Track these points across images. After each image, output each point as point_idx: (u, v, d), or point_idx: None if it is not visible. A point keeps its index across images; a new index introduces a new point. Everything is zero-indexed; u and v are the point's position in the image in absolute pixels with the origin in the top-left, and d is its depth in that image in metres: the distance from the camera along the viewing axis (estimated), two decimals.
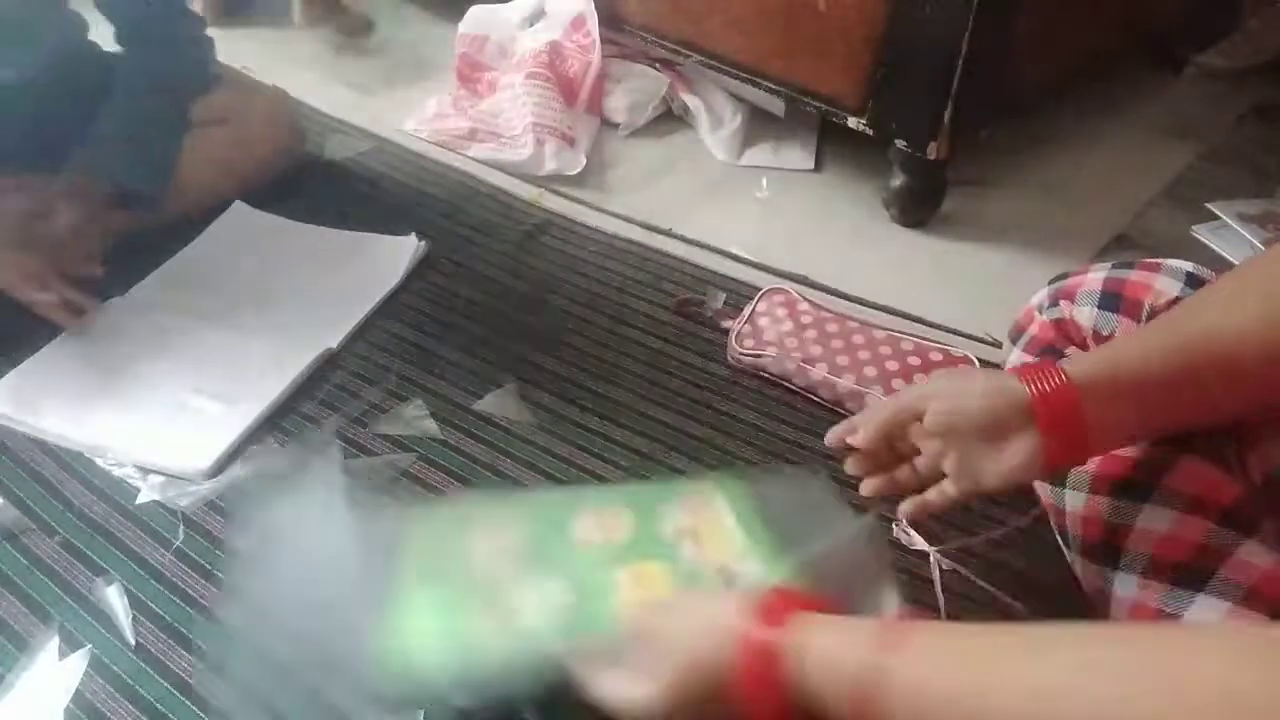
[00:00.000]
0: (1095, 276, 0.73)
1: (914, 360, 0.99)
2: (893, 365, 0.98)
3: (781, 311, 1.06)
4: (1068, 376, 0.61)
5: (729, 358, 1.05)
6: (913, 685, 0.47)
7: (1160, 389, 0.60)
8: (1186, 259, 0.71)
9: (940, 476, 0.66)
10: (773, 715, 0.52)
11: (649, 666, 0.56)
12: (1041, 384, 0.61)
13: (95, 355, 1.02)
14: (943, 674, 0.46)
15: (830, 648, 0.51)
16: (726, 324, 1.08)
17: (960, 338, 1.08)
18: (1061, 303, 0.75)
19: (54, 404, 0.96)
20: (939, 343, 1.03)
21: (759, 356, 1.02)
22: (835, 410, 0.99)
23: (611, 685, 0.58)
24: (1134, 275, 0.70)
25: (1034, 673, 0.43)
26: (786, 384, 1.01)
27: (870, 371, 0.98)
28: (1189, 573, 0.61)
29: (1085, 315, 0.73)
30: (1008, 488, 0.64)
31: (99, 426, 0.94)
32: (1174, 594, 0.61)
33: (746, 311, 1.07)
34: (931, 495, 0.67)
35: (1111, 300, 0.71)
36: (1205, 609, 0.60)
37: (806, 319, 1.05)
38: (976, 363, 0.99)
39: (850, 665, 0.49)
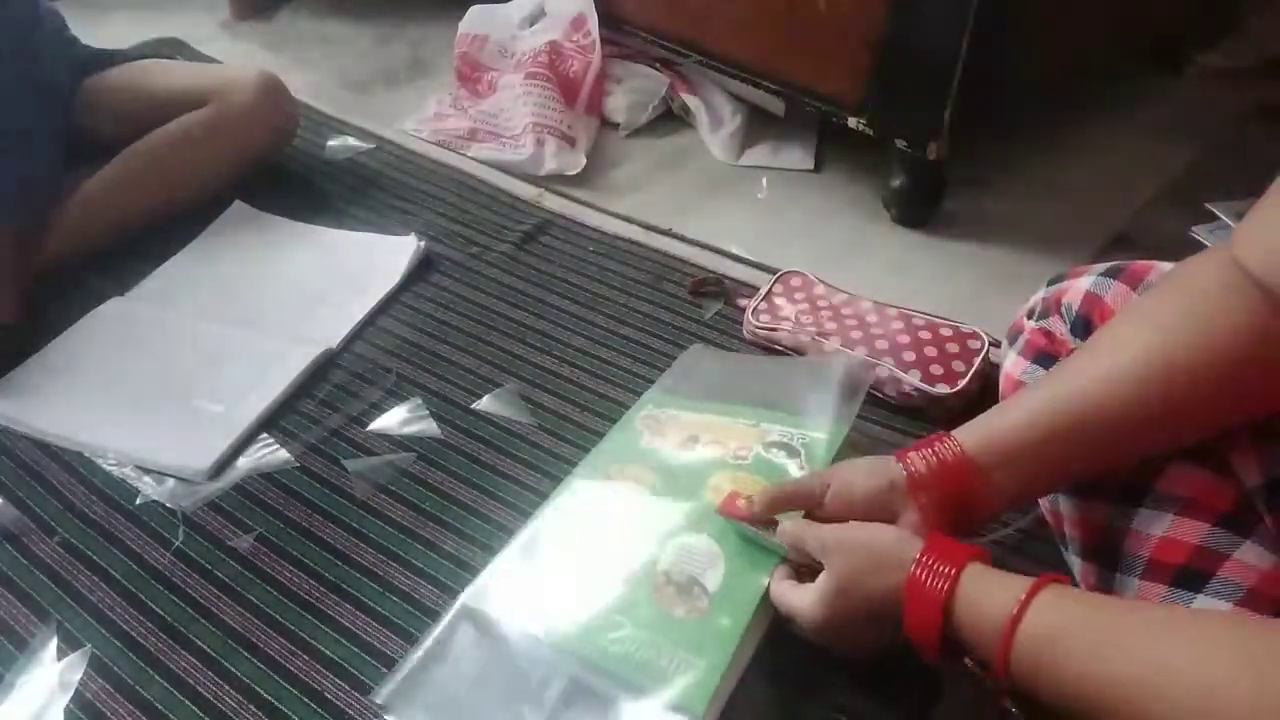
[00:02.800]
0: (1081, 284, 0.73)
1: (925, 334, 1.00)
2: (904, 339, 1.00)
3: (799, 293, 1.09)
4: (957, 451, 0.66)
5: (744, 333, 1.08)
6: (1042, 632, 0.54)
7: (1048, 453, 0.64)
8: (1185, 259, 0.71)
9: None
10: (933, 651, 0.60)
11: (824, 589, 0.64)
12: (920, 465, 0.67)
13: (95, 355, 1.02)
14: (1070, 630, 0.53)
15: (982, 597, 0.58)
16: (742, 302, 1.10)
17: None
18: (1051, 316, 0.75)
19: (55, 404, 0.96)
20: (949, 320, 1.03)
21: (774, 330, 1.04)
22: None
23: (791, 596, 0.67)
24: (1110, 293, 0.70)
25: (1160, 649, 0.49)
26: (800, 357, 1.03)
27: (882, 345, 0.99)
28: (1187, 574, 0.61)
29: (1062, 331, 0.75)
30: None
31: (100, 427, 0.94)
32: (1173, 595, 0.61)
33: (763, 290, 1.10)
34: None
35: (1082, 324, 0.72)
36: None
37: (821, 301, 1.07)
38: (986, 338, 0.99)
39: (996, 614, 0.56)
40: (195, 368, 1.01)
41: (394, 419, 0.97)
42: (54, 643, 0.77)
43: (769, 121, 1.46)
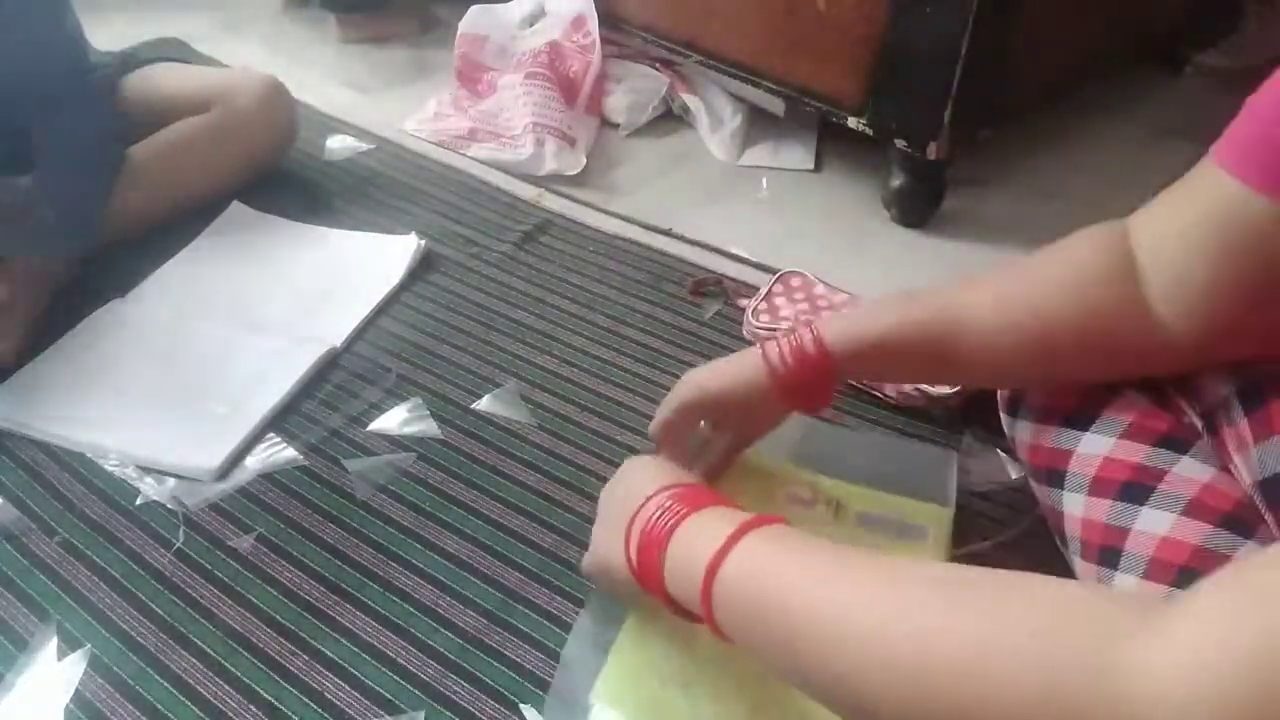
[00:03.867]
0: None
1: None
2: None
3: (799, 293, 1.09)
4: (816, 341, 0.72)
5: (744, 333, 1.08)
6: (738, 573, 0.53)
7: (900, 363, 0.74)
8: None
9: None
10: (659, 596, 0.60)
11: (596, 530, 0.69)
12: (778, 360, 0.73)
13: (97, 358, 1.02)
14: (762, 571, 0.51)
15: (693, 538, 0.57)
16: (742, 302, 1.11)
17: None
18: None
19: (58, 407, 0.96)
20: None
21: (774, 330, 1.04)
22: (847, 383, 0.99)
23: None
24: None
25: (830, 589, 0.48)
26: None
27: None
28: (1189, 575, 0.61)
29: None
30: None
31: (103, 429, 0.94)
32: (1175, 596, 0.61)
33: (763, 290, 1.10)
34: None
35: None
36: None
37: (822, 301, 1.08)
38: None
39: (703, 554, 0.54)
40: (199, 368, 1.01)
41: (394, 419, 0.97)
42: (54, 643, 0.76)
43: (769, 121, 1.46)
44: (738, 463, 0.85)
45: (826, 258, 1.20)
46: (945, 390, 0.95)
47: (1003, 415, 0.81)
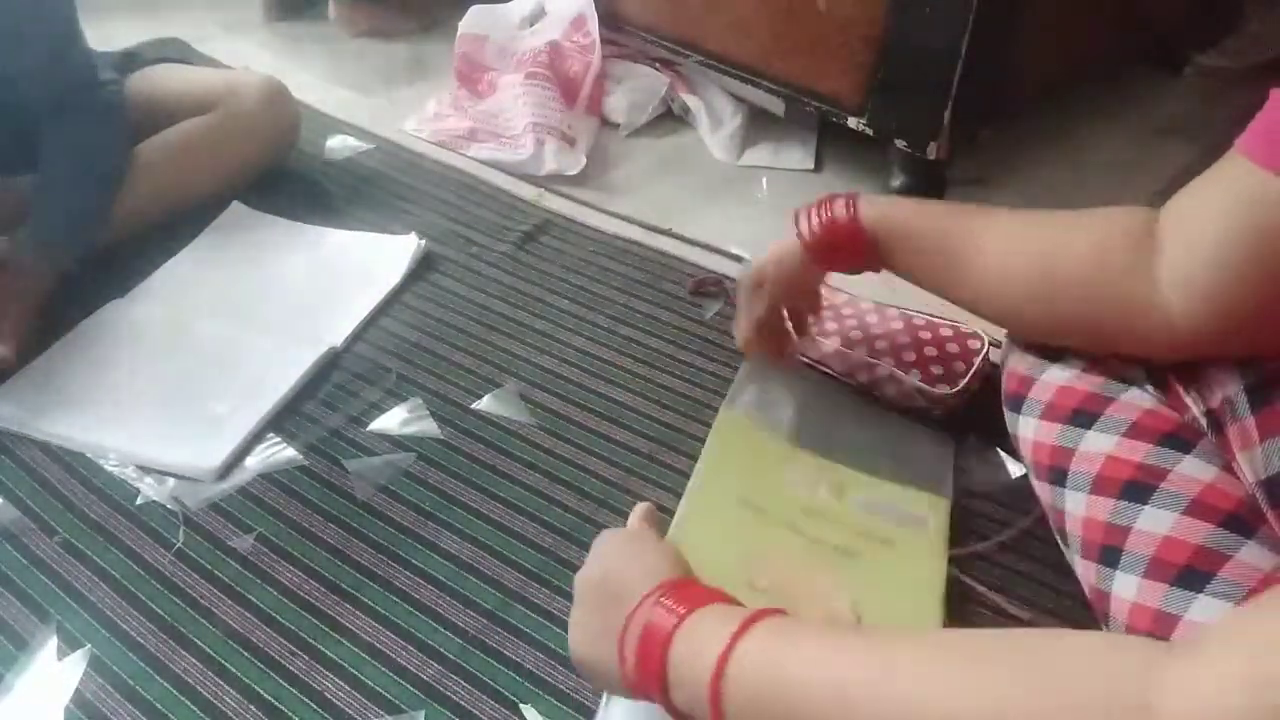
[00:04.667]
0: None
1: (925, 334, 1.00)
2: (904, 338, 1.00)
3: None
4: (849, 205, 0.81)
5: None
6: (742, 672, 0.49)
7: (919, 243, 0.79)
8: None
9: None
10: (659, 700, 0.53)
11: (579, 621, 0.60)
12: (811, 227, 0.84)
13: (97, 358, 1.02)
14: (771, 664, 0.48)
15: (696, 638, 0.51)
16: None
17: None
18: None
19: (59, 408, 0.96)
20: (949, 319, 1.03)
21: None
22: (846, 382, 0.99)
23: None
24: None
25: (843, 674, 0.46)
26: (799, 357, 1.03)
27: (882, 345, 0.99)
28: (1190, 574, 0.61)
29: None
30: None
31: (104, 429, 0.94)
32: (1174, 595, 0.61)
33: None
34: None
35: None
36: (1206, 610, 0.60)
37: (823, 301, 1.06)
38: (986, 338, 0.99)
39: (711, 652, 0.50)
40: (199, 368, 1.01)
41: (394, 419, 0.97)
42: (54, 643, 0.76)
43: (769, 121, 1.46)
44: (743, 446, 0.88)
45: None
46: (945, 390, 0.95)
47: (1006, 412, 0.81)
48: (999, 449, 0.91)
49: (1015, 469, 0.89)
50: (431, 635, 0.77)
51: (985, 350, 0.98)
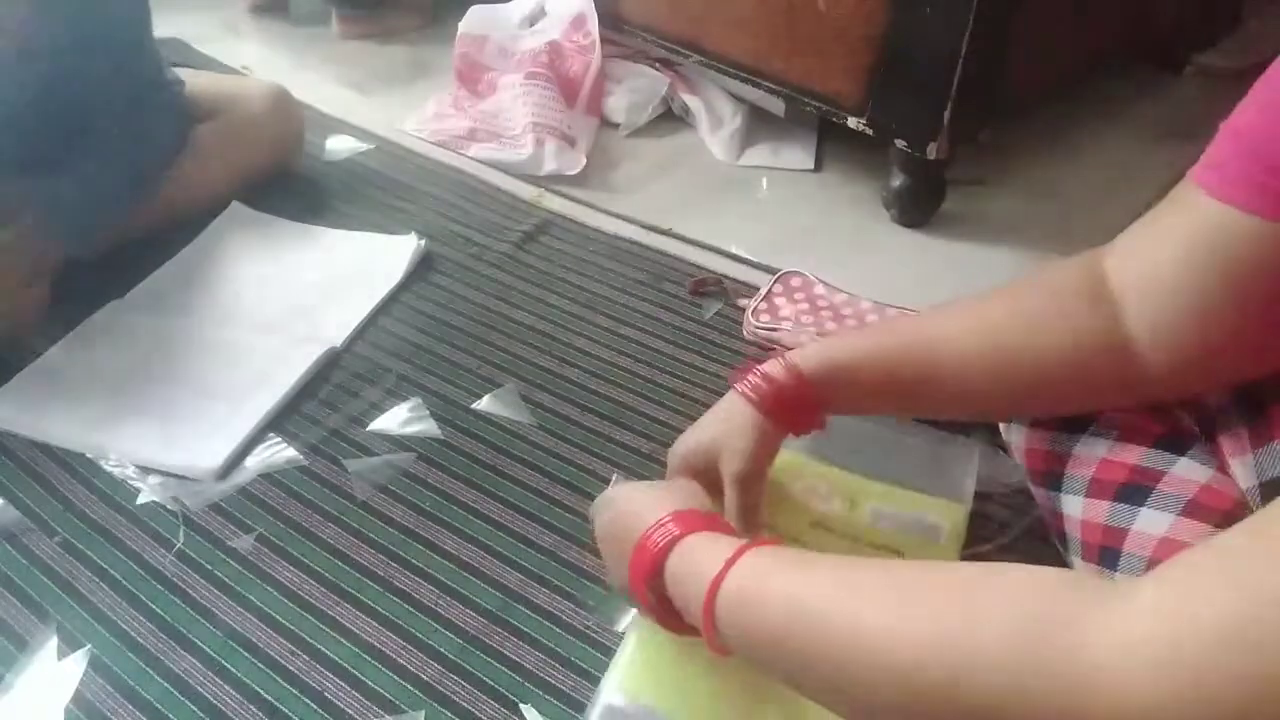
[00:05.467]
0: None
1: None
2: None
3: (799, 293, 1.10)
4: (795, 375, 0.71)
5: (744, 333, 1.08)
6: (739, 588, 0.55)
7: (870, 386, 0.71)
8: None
9: None
10: (654, 613, 0.63)
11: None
12: (756, 390, 0.71)
13: (97, 358, 1.02)
14: (768, 584, 0.54)
15: (698, 557, 0.59)
16: (742, 302, 1.11)
17: None
18: None
19: (58, 408, 0.96)
20: None
21: (774, 330, 1.04)
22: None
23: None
24: None
25: (804, 587, 0.51)
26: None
27: None
28: None
29: None
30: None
31: (104, 429, 0.94)
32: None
33: (763, 290, 1.10)
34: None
35: None
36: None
37: (822, 301, 1.08)
38: None
39: (705, 573, 0.56)
40: (198, 369, 1.01)
41: (394, 419, 0.97)
42: (54, 643, 0.76)
43: (769, 121, 1.46)
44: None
45: (826, 258, 1.20)
46: None
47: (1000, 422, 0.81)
48: (1002, 450, 0.91)
49: (1019, 471, 0.89)
50: (431, 635, 0.77)
51: None
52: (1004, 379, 0.66)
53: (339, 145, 1.42)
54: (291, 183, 1.33)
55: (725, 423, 0.73)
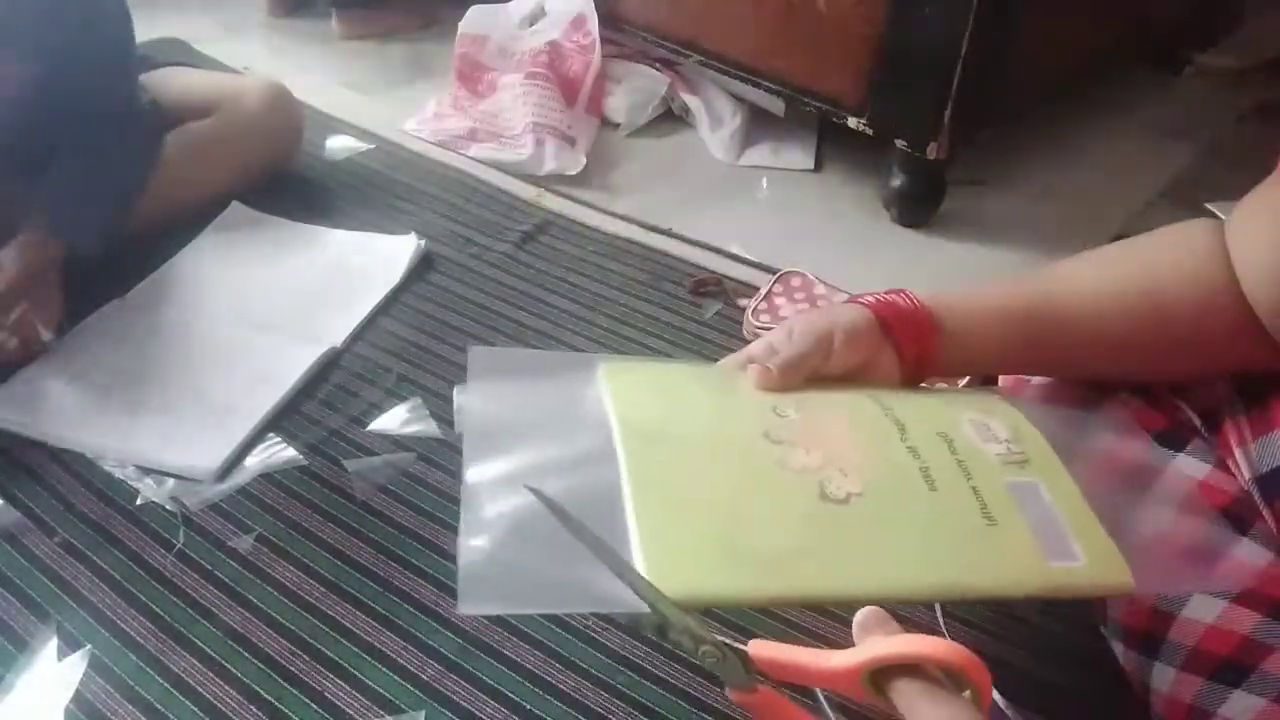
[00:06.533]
0: None
1: None
2: None
3: (799, 293, 1.10)
4: (918, 304, 0.67)
5: (745, 333, 1.08)
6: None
7: (1002, 330, 0.67)
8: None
9: None
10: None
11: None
12: (892, 305, 0.66)
13: (97, 358, 1.02)
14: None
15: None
16: (742, 302, 1.11)
17: None
18: None
19: (59, 407, 0.96)
20: None
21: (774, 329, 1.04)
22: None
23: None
24: None
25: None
26: None
27: None
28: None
29: None
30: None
31: (105, 429, 0.94)
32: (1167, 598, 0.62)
33: (763, 290, 1.11)
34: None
35: None
36: (1200, 604, 0.61)
37: (822, 301, 1.09)
38: None
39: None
40: (198, 369, 1.01)
41: (394, 419, 0.97)
42: (54, 643, 0.76)
43: (769, 121, 1.46)
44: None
45: (826, 258, 1.20)
46: (945, 389, 0.95)
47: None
48: None
49: None
50: (431, 635, 0.77)
51: None
52: (1136, 327, 0.64)
53: (339, 145, 1.42)
54: (291, 183, 1.33)
55: (837, 316, 0.64)
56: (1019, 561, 0.51)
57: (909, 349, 0.64)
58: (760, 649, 0.44)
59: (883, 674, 0.42)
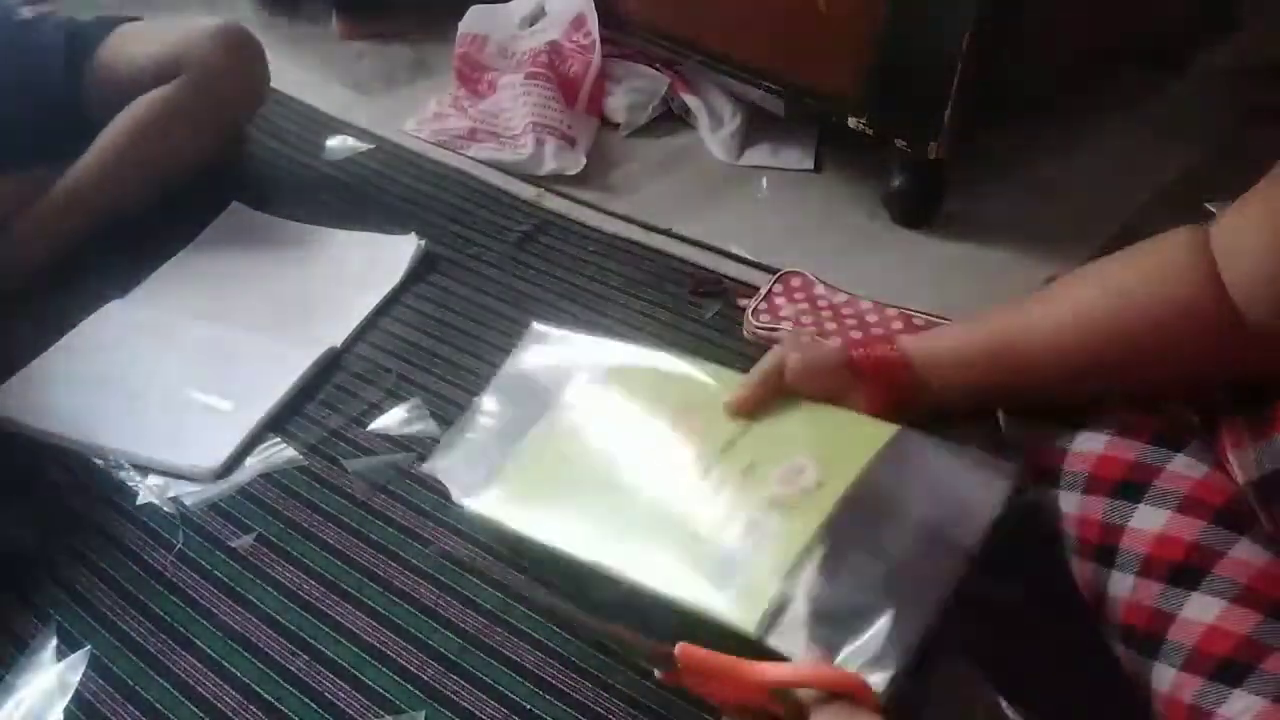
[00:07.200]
0: None
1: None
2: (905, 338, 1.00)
3: (799, 293, 1.10)
4: (897, 352, 0.70)
5: (745, 333, 1.08)
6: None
7: (971, 369, 0.69)
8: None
9: None
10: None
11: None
12: (866, 349, 0.70)
13: (98, 357, 1.02)
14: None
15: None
16: (742, 302, 1.11)
17: None
18: None
19: (58, 408, 0.96)
20: (948, 319, 1.03)
21: (774, 330, 1.04)
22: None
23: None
24: None
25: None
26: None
27: None
28: (1185, 571, 0.61)
29: None
30: None
31: (104, 428, 0.94)
32: (1169, 592, 0.62)
33: (763, 290, 1.10)
34: None
35: None
36: (1200, 605, 0.61)
37: (822, 301, 1.08)
38: None
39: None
40: (199, 369, 1.01)
41: (394, 419, 0.97)
42: (54, 643, 0.76)
43: (769, 121, 1.46)
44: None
45: (826, 258, 1.20)
46: None
47: (1000, 413, 0.80)
48: (997, 449, 0.91)
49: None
50: (431, 635, 0.77)
51: None
52: (1104, 351, 0.65)
53: (339, 145, 1.42)
54: (291, 183, 1.33)
55: (822, 357, 0.70)
56: (682, 574, 0.58)
57: (878, 390, 0.69)
58: (687, 650, 0.52)
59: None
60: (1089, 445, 0.68)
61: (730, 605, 0.55)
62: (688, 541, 0.60)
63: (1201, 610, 0.60)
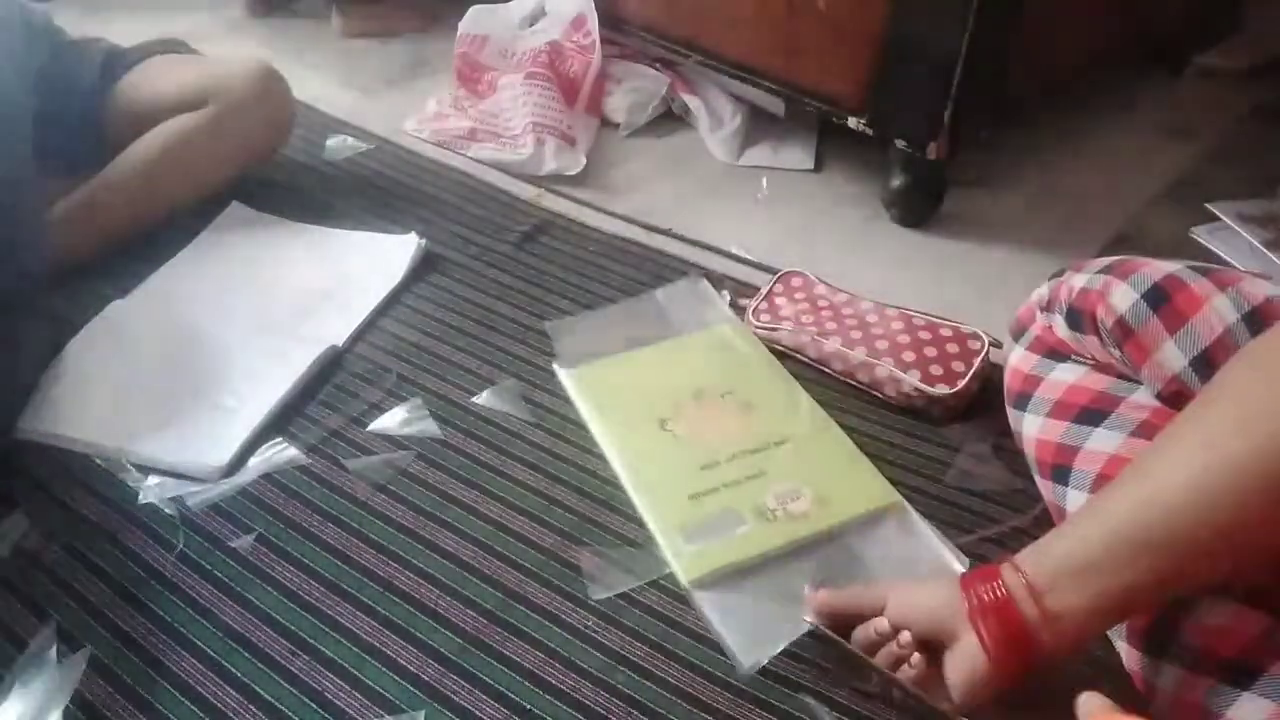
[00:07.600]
0: (1075, 281, 0.74)
1: (925, 335, 1.00)
2: (904, 339, 1.00)
3: (799, 293, 1.09)
4: (1008, 589, 0.59)
5: None
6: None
7: (1122, 569, 0.56)
8: (1184, 259, 0.71)
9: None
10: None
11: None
12: (981, 595, 0.60)
13: (98, 358, 1.02)
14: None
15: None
16: (743, 302, 1.10)
17: None
18: (1053, 311, 0.76)
19: (59, 408, 0.96)
20: (949, 320, 1.03)
21: (774, 330, 1.04)
22: (846, 383, 1.00)
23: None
24: (1098, 285, 0.72)
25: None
26: (798, 356, 1.03)
27: (882, 345, 1.00)
28: None
29: (1060, 327, 0.75)
30: (963, 704, 0.61)
31: (105, 428, 0.94)
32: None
33: (764, 290, 1.10)
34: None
35: (1075, 318, 0.74)
36: (1210, 607, 0.61)
37: (823, 302, 1.08)
38: (986, 338, 0.99)
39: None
40: (200, 368, 1.01)
41: (394, 419, 0.97)
42: (54, 643, 0.76)
43: (769, 121, 1.46)
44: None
45: (826, 258, 1.20)
46: (944, 390, 0.95)
47: (1009, 409, 0.81)
48: (996, 457, 0.91)
49: (1014, 478, 0.89)
50: (431, 635, 0.77)
51: (985, 351, 0.98)
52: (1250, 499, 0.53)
53: (339, 145, 1.42)
54: (291, 183, 1.33)
55: (939, 629, 0.62)
56: (667, 516, 0.85)
57: (995, 646, 0.59)
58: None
59: None
60: (1102, 444, 0.68)
61: (677, 557, 0.82)
62: (684, 496, 0.87)
63: (1212, 612, 0.60)
